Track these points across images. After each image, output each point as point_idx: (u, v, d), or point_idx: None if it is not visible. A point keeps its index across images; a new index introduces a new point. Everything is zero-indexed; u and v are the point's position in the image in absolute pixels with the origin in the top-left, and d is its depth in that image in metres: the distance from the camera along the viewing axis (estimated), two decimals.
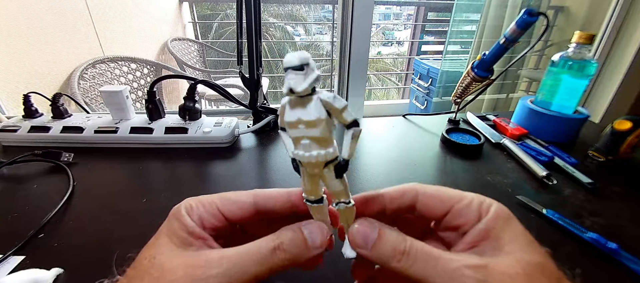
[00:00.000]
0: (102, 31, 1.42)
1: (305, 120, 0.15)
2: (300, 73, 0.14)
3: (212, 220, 0.18)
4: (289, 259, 0.16)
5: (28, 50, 1.09)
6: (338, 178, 0.17)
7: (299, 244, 0.17)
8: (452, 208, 0.18)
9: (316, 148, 0.15)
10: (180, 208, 0.18)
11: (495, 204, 0.17)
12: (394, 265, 0.16)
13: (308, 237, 0.17)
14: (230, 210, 0.18)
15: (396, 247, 0.16)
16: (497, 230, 0.16)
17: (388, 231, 0.17)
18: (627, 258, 0.29)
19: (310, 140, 0.15)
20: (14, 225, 0.33)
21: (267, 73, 2.42)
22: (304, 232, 0.17)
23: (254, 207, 0.19)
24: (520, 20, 0.45)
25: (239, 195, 0.19)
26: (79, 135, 0.49)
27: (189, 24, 2.31)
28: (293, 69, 0.14)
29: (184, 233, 0.17)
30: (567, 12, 1.46)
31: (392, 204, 0.19)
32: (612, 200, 0.40)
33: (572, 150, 0.51)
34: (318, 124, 0.15)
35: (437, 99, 1.74)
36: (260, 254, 0.16)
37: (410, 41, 3.04)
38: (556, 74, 0.52)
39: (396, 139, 0.57)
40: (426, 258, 0.15)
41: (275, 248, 0.16)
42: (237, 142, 0.53)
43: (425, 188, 0.19)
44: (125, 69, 1.43)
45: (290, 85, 0.14)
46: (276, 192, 0.19)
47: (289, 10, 3.62)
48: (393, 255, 0.16)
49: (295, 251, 0.16)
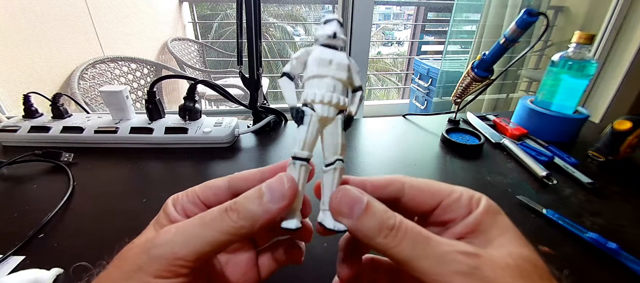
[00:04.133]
0: (102, 31, 1.42)
1: (338, 62, 0.17)
2: (342, 27, 0.17)
3: (193, 208, 0.18)
4: (243, 218, 0.15)
5: (28, 50, 1.09)
6: (345, 130, 0.17)
7: (253, 199, 0.15)
8: (441, 202, 0.17)
9: (340, 91, 0.17)
10: (168, 200, 0.19)
11: (485, 198, 0.16)
12: (379, 240, 0.14)
13: (265, 189, 0.15)
14: (207, 197, 0.18)
15: (384, 221, 0.15)
16: (486, 224, 0.15)
17: (376, 202, 0.16)
18: (627, 258, 0.29)
19: (336, 81, 0.17)
20: (14, 225, 0.33)
21: (267, 73, 2.42)
22: (261, 186, 0.16)
23: (228, 190, 0.18)
24: (520, 20, 0.45)
25: (216, 181, 0.19)
26: (79, 135, 0.49)
27: (189, 24, 2.31)
28: (338, 22, 0.17)
29: (165, 221, 0.17)
30: (567, 12, 1.46)
31: (374, 194, 0.17)
32: (612, 200, 0.39)
33: (572, 150, 0.51)
34: (348, 69, 0.17)
35: (437, 99, 1.74)
36: (211, 215, 0.15)
37: (410, 41, 3.04)
38: (556, 74, 0.52)
39: (396, 138, 0.57)
40: (415, 238, 0.14)
41: (227, 209, 0.15)
42: (237, 142, 0.53)
43: (413, 181, 0.18)
44: (125, 69, 1.43)
45: (336, 30, 0.17)
46: (249, 173, 0.19)
47: (289, 10, 3.62)
48: (380, 229, 0.14)
49: (250, 207, 0.15)
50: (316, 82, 0.17)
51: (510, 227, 0.16)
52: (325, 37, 0.16)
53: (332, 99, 0.16)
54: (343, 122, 0.17)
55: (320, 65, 0.16)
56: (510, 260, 0.14)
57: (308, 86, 0.17)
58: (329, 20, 0.17)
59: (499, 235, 0.15)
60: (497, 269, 0.13)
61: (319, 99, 0.16)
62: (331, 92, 0.16)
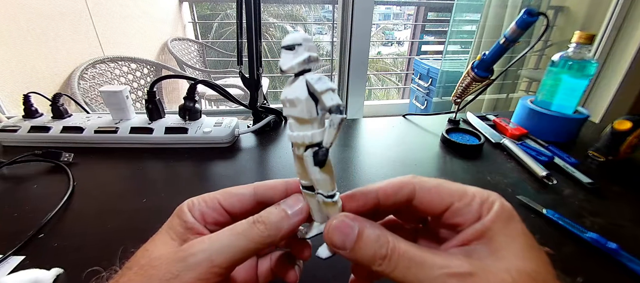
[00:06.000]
0: (102, 31, 1.42)
1: (288, 99, 0.15)
2: (289, 52, 0.14)
3: (214, 214, 0.19)
4: (269, 228, 0.17)
5: (28, 50, 1.09)
6: (316, 165, 0.16)
7: (277, 213, 0.17)
8: (451, 205, 0.16)
9: (296, 128, 0.16)
10: (183, 206, 0.19)
11: (498, 203, 0.16)
12: (375, 268, 0.15)
13: (285, 206, 0.18)
14: (231, 203, 0.19)
15: (376, 251, 0.15)
16: (494, 231, 0.15)
17: (369, 230, 0.16)
18: (627, 258, 0.29)
19: (292, 119, 0.16)
20: (14, 225, 0.33)
21: (267, 73, 2.42)
22: (281, 203, 0.18)
23: (254, 198, 0.19)
24: (520, 20, 0.45)
25: (240, 189, 0.20)
26: (79, 135, 0.49)
27: (189, 24, 2.30)
28: (284, 47, 0.15)
29: (181, 228, 0.18)
30: (567, 12, 1.45)
31: (387, 201, 0.18)
32: (612, 200, 0.39)
33: (572, 150, 0.51)
34: (297, 103, 0.15)
35: (437, 99, 1.74)
36: (242, 226, 0.17)
37: (410, 41, 3.04)
38: (556, 74, 0.52)
39: (396, 138, 0.57)
40: (408, 264, 0.14)
41: (255, 221, 0.17)
42: (237, 142, 0.53)
43: (424, 182, 0.17)
44: (125, 69, 1.43)
45: (279, 64, 0.15)
46: (274, 183, 0.20)
47: (289, 10, 3.62)
48: (373, 259, 0.15)
49: (273, 220, 0.17)
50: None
51: (521, 234, 0.15)
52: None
53: (296, 140, 0.16)
54: (312, 158, 0.16)
55: (283, 107, 0.16)
56: (508, 276, 0.13)
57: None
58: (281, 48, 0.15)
59: (505, 246, 0.15)
60: None
61: (288, 140, 0.17)
62: (292, 133, 0.16)
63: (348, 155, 0.50)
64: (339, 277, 0.27)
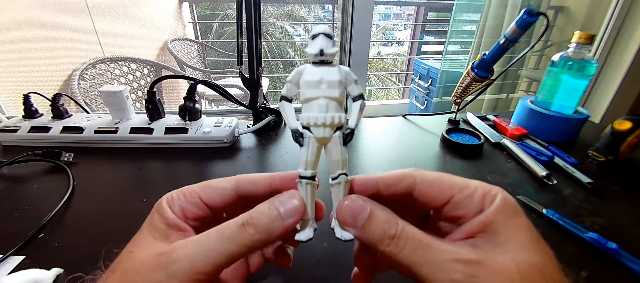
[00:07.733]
0: (102, 31, 1.43)
1: (328, 80, 0.16)
2: (330, 40, 0.16)
3: (194, 209, 0.18)
4: (260, 232, 0.15)
5: (28, 50, 1.09)
6: (345, 145, 0.17)
7: (269, 214, 0.16)
8: (452, 198, 0.16)
9: (333, 109, 0.17)
10: (162, 201, 0.18)
11: (501, 195, 0.16)
12: (382, 247, 0.15)
13: (278, 205, 0.16)
14: (211, 198, 0.18)
15: (386, 230, 0.15)
16: (498, 224, 0.15)
17: (379, 211, 0.16)
18: (627, 258, 0.29)
19: (329, 100, 0.16)
20: (14, 225, 0.33)
21: (267, 73, 2.42)
22: (274, 202, 0.17)
23: (235, 192, 0.18)
24: (520, 20, 0.45)
25: (221, 182, 0.19)
26: (79, 135, 0.49)
27: (189, 24, 2.31)
28: (325, 34, 0.16)
29: (163, 225, 0.17)
30: (567, 12, 1.46)
31: (387, 191, 0.18)
32: (612, 200, 0.39)
33: (572, 150, 0.51)
34: (339, 84, 0.16)
35: (437, 99, 1.74)
36: (230, 230, 0.15)
37: (410, 41, 3.04)
38: (556, 74, 0.52)
39: (396, 138, 0.57)
40: (416, 245, 0.14)
41: (244, 224, 0.16)
42: (237, 142, 0.53)
43: (425, 175, 0.17)
44: (125, 69, 1.43)
45: (322, 46, 0.16)
46: (258, 176, 0.19)
47: (289, 10, 3.62)
48: (382, 237, 0.15)
49: (265, 222, 0.16)
50: (309, 105, 0.17)
51: (526, 228, 0.15)
52: (312, 55, 0.16)
53: (326, 120, 0.16)
54: (342, 138, 0.17)
55: (310, 88, 0.16)
56: (514, 267, 0.13)
57: (303, 109, 0.17)
58: (315, 35, 0.16)
59: (511, 238, 0.14)
60: (497, 276, 0.13)
61: (313, 122, 0.17)
62: (324, 113, 0.16)
63: (348, 155, 0.50)
64: (339, 277, 0.27)
